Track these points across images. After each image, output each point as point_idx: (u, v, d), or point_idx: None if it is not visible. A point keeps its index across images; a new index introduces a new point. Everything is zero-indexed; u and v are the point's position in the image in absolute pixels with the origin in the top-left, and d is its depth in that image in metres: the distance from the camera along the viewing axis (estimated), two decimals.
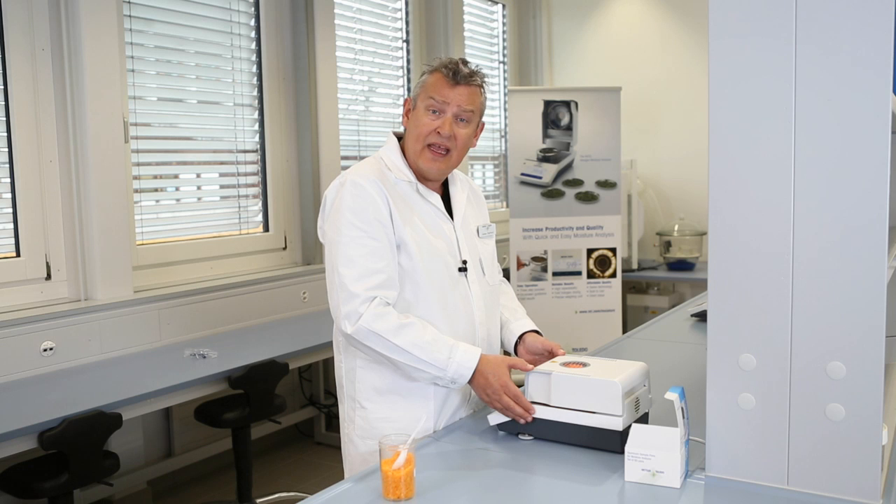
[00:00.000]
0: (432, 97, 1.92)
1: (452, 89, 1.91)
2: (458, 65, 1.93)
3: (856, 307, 1.42)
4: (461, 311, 1.96)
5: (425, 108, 1.93)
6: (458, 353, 1.84)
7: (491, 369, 1.85)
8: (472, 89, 1.94)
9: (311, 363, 4.04)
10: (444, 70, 1.93)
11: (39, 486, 2.57)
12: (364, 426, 1.96)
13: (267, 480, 3.94)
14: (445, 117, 1.92)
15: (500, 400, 1.83)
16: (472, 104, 1.94)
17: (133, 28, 3.62)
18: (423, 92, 1.95)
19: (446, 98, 1.91)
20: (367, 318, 1.81)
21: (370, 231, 1.85)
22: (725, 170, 1.51)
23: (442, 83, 1.92)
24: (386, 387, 1.93)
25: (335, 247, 1.87)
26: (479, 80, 1.96)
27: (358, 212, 1.86)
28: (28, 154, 3.22)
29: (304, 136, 4.42)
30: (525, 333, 2.11)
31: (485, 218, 2.17)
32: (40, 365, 3.08)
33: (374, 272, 1.84)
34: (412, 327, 1.84)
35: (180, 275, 3.85)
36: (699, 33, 5.82)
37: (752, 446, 1.53)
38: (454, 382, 1.87)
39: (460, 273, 1.98)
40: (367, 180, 1.88)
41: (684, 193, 5.95)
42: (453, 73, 1.91)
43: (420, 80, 1.98)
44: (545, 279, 5.07)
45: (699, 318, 3.19)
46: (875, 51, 1.37)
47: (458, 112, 1.92)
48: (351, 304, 1.82)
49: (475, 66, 1.97)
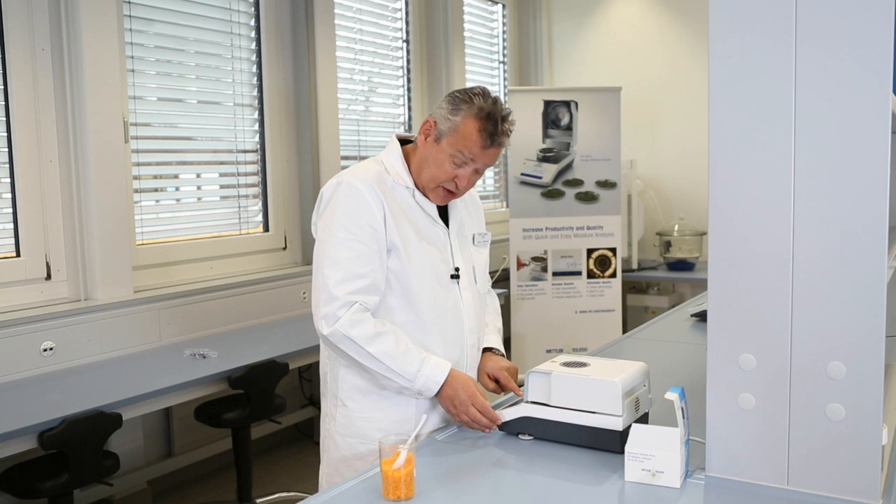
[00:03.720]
0: (462, 152, 1.86)
1: (485, 151, 1.87)
2: (498, 124, 1.85)
3: (856, 307, 1.42)
4: (451, 318, 1.96)
5: (451, 156, 1.87)
6: (427, 367, 1.85)
7: (460, 383, 1.86)
8: (502, 148, 1.90)
9: (311, 363, 4.03)
10: (480, 126, 1.84)
11: (39, 486, 2.57)
12: (345, 423, 1.96)
13: (267, 480, 3.93)
14: (468, 170, 1.89)
15: (466, 412, 1.84)
16: (497, 158, 1.93)
17: (133, 28, 3.62)
18: (454, 139, 1.86)
19: (476, 158, 1.87)
20: (343, 323, 1.82)
21: (360, 235, 1.85)
22: (725, 170, 1.51)
23: (477, 144, 1.85)
24: (368, 386, 1.93)
25: (324, 246, 1.88)
26: (508, 136, 1.90)
27: (350, 215, 1.85)
28: (28, 154, 3.22)
29: (304, 136, 4.42)
30: (486, 351, 2.11)
31: (481, 225, 2.15)
32: (40, 365, 3.08)
33: (358, 276, 1.84)
34: (386, 336, 1.84)
35: (180, 275, 3.85)
36: (699, 33, 5.82)
37: (752, 446, 1.53)
38: (421, 394, 1.88)
39: (452, 280, 1.97)
40: (363, 183, 1.87)
41: (684, 193, 5.95)
42: (490, 136, 1.84)
43: (454, 120, 1.86)
44: (545, 279, 5.07)
45: (699, 318, 3.19)
46: (875, 51, 1.37)
47: (482, 168, 1.92)
48: (330, 306, 1.83)
49: (512, 118, 1.89)
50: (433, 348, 1.92)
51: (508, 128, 1.89)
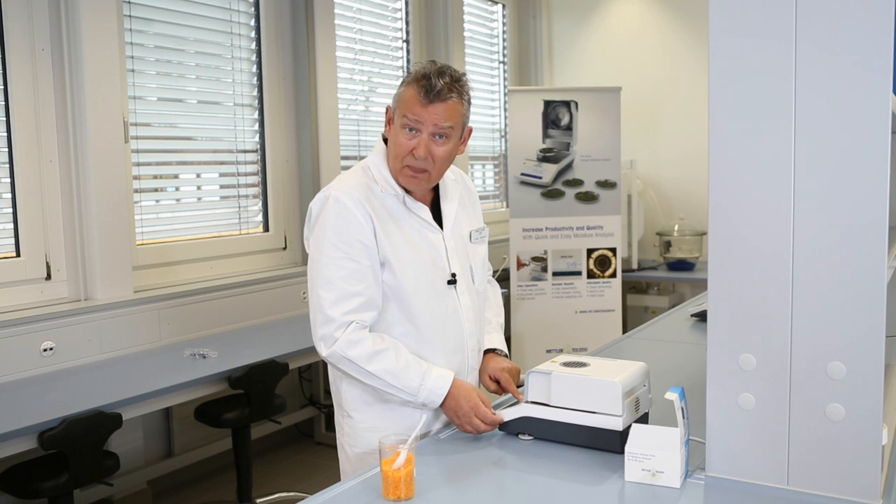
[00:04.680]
0: (406, 116, 1.81)
1: (426, 108, 1.79)
2: (430, 78, 1.78)
3: (856, 307, 1.42)
4: (450, 325, 1.95)
5: (401, 125, 1.83)
6: (429, 380, 1.85)
7: (462, 393, 1.86)
8: (448, 104, 1.80)
9: (311, 363, 4.03)
10: (416, 86, 1.80)
11: (39, 486, 2.57)
12: (352, 434, 1.96)
13: (267, 480, 3.94)
14: (421, 137, 1.81)
15: (470, 422, 1.84)
16: (451, 119, 1.82)
17: (133, 28, 3.62)
18: (399, 107, 1.84)
19: (420, 117, 1.80)
20: (341, 344, 1.82)
21: (351, 253, 1.84)
22: (725, 170, 1.51)
23: (415, 101, 1.80)
24: (371, 398, 1.93)
25: (316, 265, 1.87)
26: (455, 93, 1.81)
27: (340, 232, 1.84)
28: (28, 154, 3.22)
29: (304, 136, 4.42)
30: (488, 351, 2.09)
31: (478, 220, 2.10)
32: (40, 365, 3.08)
33: (353, 295, 1.83)
34: (386, 353, 1.83)
35: (180, 275, 3.84)
36: (699, 33, 5.81)
37: (752, 446, 1.53)
38: (425, 406, 1.87)
39: (449, 286, 1.95)
40: (350, 198, 1.85)
41: (684, 193, 5.95)
42: (426, 91, 1.78)
43: (398, 92, 1.86)
44: (545, 279, 5.07)
45: (699, 318, 3.19)
46: (875, 51, 1.37)
47: (435, 130, 1.81)
48: (327, 327, 1.83)
49: (454, 74, 1.82)
50: (434, 358, 1.91)
51: (447, 82, 1.79)
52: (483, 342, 2.08)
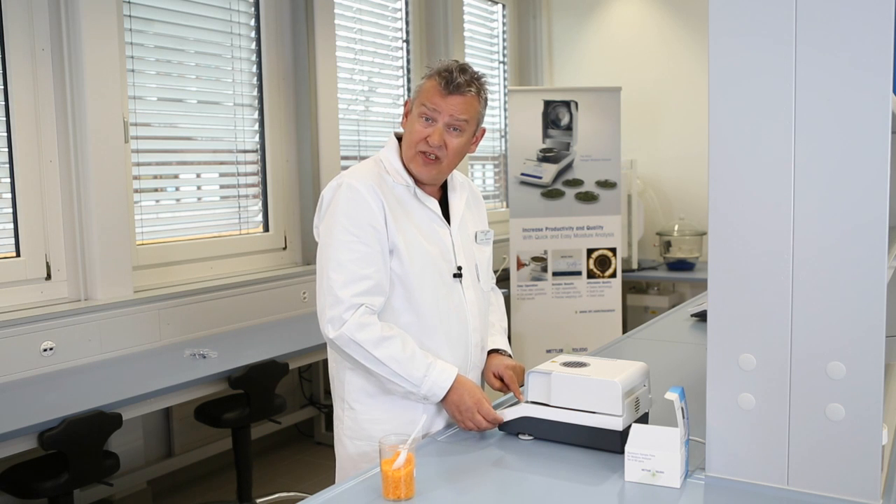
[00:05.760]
0: (425, 105, 1.88)
1: (444, 98, 1.87)
2: (452, 72, 1.87)
3: (856, 307, 1.42)
4: (455, 317, 1.96)
5: (419, 114, 1.90)
6: (433, 373, 1.85)
7: (466, 389, 1.87)
8: (466, 98, 1.88)
9: (311, 363, 4.03)
10: (438, 77, 1.88)
11: (39, 486, 2.57)
12: (353, 427, 1.96)
13: (267, 480, 3.94)
14: (436, 126, 1.88)
15: (472, 418, 1.85)
16: (466, 113, 1.89)
17: (133, 28, 3.62)
18: (418, 97, 1.92)
19: (438, 107, 1.87)
20: (350, 326, 1.82)
21: (362, 236, 1.85)
22: (725, 170, 1.51)
23: (435, 91, 1.88)
24: (374, 389, 1.93)
25: (326, 249, 1.88)
26: (474, 88, 1.89)
27: (352, 216, 1.85)
28: (28, 154, 3.22)
29: (304, 136, 4.42)
30: (492, 351, 2.10)
31: (483, 223, 2.15)
32: (40, 365, 3.08)
33: (363, 278, 1.84)
34: (393, 341, 1.84)
35: (180, 275, 3.85)
36: (699, 33, 5.81)
37: (752, 446, 1.53)
38: (427, 399, 1.88)
39: (455, 279, 1.97)
40: (363, 184, 1.88)
41: (684, 193, 5.95)
42: (446, 82, 1.86)
43: (419, 85, 1.94)
44: (545, 279, 5.07)
45: (699, 318, 3.19)
46: (875, 51, 1.37)
47: (451, 121, 1.88)
48: (336, 309, 1.83)
49: (474, 73, 1.91)
50: (437, 349, 1.92)
51: (468, 78, 1.88)
52: (486, 342, 2.09)
